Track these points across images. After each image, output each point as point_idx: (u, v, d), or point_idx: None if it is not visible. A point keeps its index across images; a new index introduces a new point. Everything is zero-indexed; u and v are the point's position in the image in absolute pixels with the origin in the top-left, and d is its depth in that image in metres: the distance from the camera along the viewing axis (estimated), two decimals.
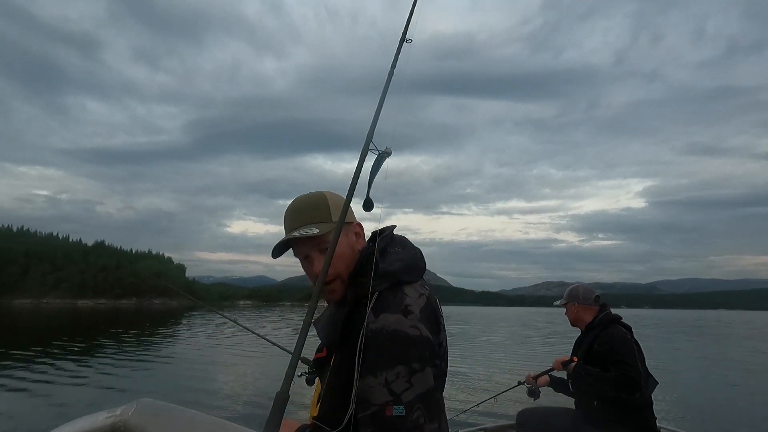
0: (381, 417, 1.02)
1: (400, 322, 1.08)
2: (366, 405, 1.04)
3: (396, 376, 1.03)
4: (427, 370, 1.07)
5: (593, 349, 2.82)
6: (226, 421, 1.76)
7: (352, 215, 1.29)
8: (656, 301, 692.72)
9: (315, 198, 1.27)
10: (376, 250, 1.19)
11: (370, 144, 2.15)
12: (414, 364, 1.05)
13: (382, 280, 1.15)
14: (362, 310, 1.12)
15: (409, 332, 1.07)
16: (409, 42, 2.36)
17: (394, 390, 1.03)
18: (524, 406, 3.24)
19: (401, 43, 2.36)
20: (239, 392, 8.87)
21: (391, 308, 1.10)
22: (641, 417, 2.69)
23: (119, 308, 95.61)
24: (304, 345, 2.08)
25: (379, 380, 1.03)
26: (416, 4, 2.38)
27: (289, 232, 1.23)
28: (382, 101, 2.27)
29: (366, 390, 1.04)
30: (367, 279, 1.14)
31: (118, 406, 1.94)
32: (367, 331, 1.07)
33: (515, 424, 3.11)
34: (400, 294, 1.13)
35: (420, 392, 1.04)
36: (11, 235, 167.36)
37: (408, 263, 1.20)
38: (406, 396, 1.03)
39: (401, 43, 2.36)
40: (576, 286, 3.14)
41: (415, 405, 1.03)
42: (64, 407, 7.58)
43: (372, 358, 1.05)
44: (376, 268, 1.15)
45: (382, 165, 2.05)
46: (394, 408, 1.02)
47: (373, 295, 1.12)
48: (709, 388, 10.52)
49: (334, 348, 1.22)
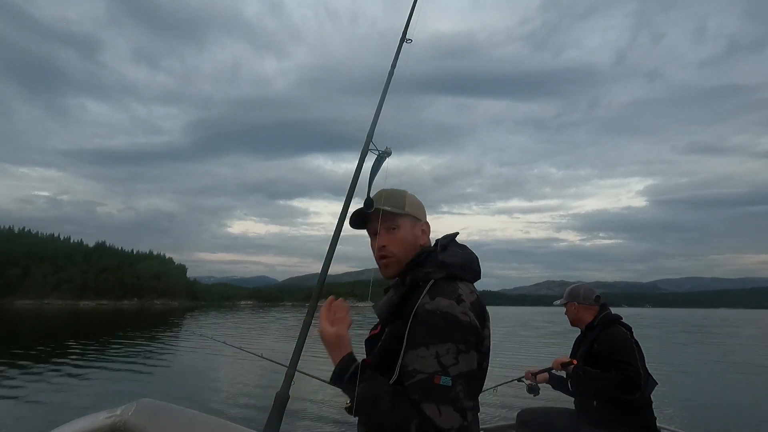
0: (430, 384, 1.13)
1: (453, 306, 1.21)
2: (415, 373, 1.15)
3: (446, 351, 1.15)
4: (471, 353, 1.19)
5: (593, 349, 2.81)
6: (226, 421, 1.76)
7: (425, 216, 1.49)
8: (657, 300, 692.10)
9: (396, 190, 1.49)
10: (440, 242, 1.41)
11: (370, 144, 2.15)
12: (461, 345, 1.17)
13: (439, 269, 1.30)
14: (418, 292, 1.26)
15: (459, 316, 1.20)
16: (409, 42, 2.36)
17: (443, 362, 1.14)
18: (524, 406, 3.23)
19: (401, 42, 2.36)
20: (239, 392, 8.87)
21: (446, 294, 1.23)
22: (641, 417, 2.68)
23: (120, 309, 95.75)
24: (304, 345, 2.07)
25: (431, 352, 1.15)
26: (416, 4, 2.38)
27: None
28: (382, 101, 2.27)
29: (417, 359, 1.16)
30: (426, 267, 1.31)
31: (118, 406, 1.95)
32: (422, 310, 1.21)
33: (515, 424, 3.11)
34: (454, 285, 1.27)
35: (463, 371, 1.16)
36: (12, 236, 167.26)
37: (464, 262, 1.35)
38: (453, 370, 1.14)
39: (401, 42, 2.36)
40: (576, 285, 3.13)
41: (459, 380, 1.14)
42: (64, 407, 7.58)
43: (425, 333, 1.18)
44: (435, 259, 1.33)
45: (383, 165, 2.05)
46: (442, 378, 1.13)
47: (429, 281, 1.27)
48: (709, 388, 10.50)
49: (387, 323, 1.34)
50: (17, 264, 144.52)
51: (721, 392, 9.99)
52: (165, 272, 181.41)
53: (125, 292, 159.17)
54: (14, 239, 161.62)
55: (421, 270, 1.31)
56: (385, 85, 2.30)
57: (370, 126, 2.26)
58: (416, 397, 1.13)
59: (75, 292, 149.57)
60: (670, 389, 9.63)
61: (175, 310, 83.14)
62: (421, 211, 1.47)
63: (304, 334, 1.99)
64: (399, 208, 1.41)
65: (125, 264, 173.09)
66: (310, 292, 1.81)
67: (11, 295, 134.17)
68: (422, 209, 1.47)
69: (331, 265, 2.11)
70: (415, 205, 1.45)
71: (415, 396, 1.13)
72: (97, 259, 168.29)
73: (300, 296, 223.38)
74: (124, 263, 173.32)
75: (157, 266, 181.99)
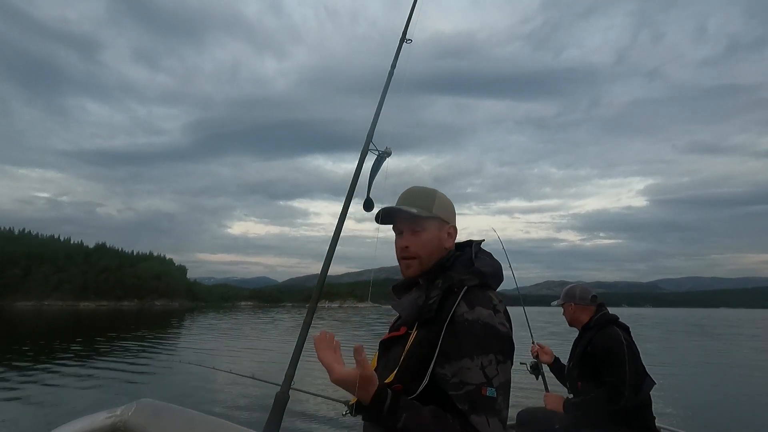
0: (477, 395, 1.13)
1: (492, 317, 1.21)
2: (462, 384, 1.15)
3: (489, 362, 1.16)
4: (508, 363, 1.21)
5: (587, 351, 2.81)
6: (226, 421, 1.76)
7: (453, 218, 1.44)
8: (657, 300, 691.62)
9: (427, 189, 1.45)
10: (473, 249, 1.39)
11: (370, 144, 2.15)
12: (499, 356, 1.18)
13: (473, 276, 1.29)
14: (452, 299, 1.24)
15: (498, 327, 1.21)
16: (409, 42, 2.37)
17: (488, 374, 1.15)
18: (524, 406, 3.24)
19: (401, 42, 2.36)
20: (239, 392, 8.86)
21: (484, 304, 1.23)
22: (640, 417, 2.68)
23: (120, 310, 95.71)
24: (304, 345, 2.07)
25: (476, 363, 1.15)
26: (416, 4, 2.38)
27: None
28: (381, 101, 2.27)
29: (462, 371, 1.15)
30: (458, 273, 1.30)
31: (118, 406, 1.95)
32: (462, 320, 1.20)
33: (515, 425, 3.10)
34: (488, 294, 1.28)
35: (503, 381, 1.17)
36: (12, 237, 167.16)
37: (494, 271, 1.35)
38: (496, 381, 1.15)
39: (401, 42, 2.36)
40: (573, 285, 3.12)
41: (500, 391, 1.16)
42: (64, 407, 7.58)
43: (469, 344, 1.17)
44: (471, 266, 1.32)
45: (382, 165, 2.06)
46: (488, 389, 1.14)
47: (463, 288, 1.26)
48: (709, 388, 10.48)
49: (415, 326, 1.30)
50: (17, 265, 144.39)
51: (721, 392, 9.96)
52: (165, 273, 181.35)
53: (125, 293, 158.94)
54: (14, 240, 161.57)
55: (454, 275, 1.30)
56: (384, 85, 2.30)
57: (370, 126, 2.27)
58: (465, 409, 1.12)
59: (75, 293, 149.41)
60: (670, 389, 9.62)
61: (175, 311, 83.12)
62: (450, 213, 1.43)
63: (304, 334, 1.99)
64: (426, 209, 1.38)
65: (125, 265, 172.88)
66: (311, 292, 1.81)
67: (11, 296, 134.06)
68: (451, 211, 1.44)
69: (331, 265, 2.12)
70: (445, 206, 1.42)
71: (464, 407, 1.13)
72: (97, 259, 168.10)
73: (300, 297, 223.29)
74: (124, 264, 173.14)
75: (157, 267, 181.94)
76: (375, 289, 1.55)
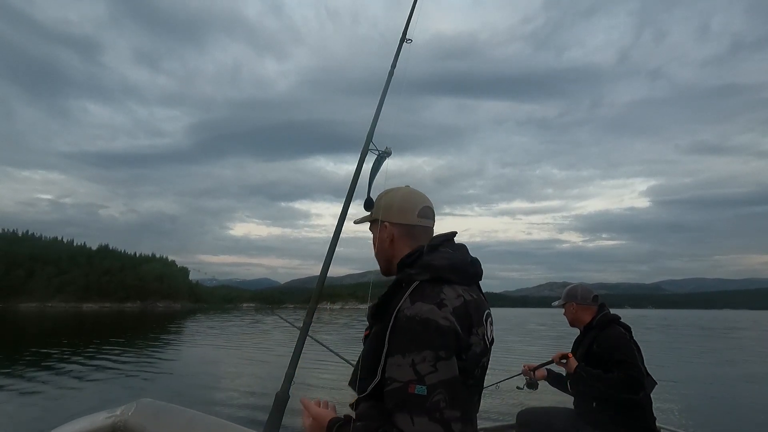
0: (404, 393, 1.10)
1: (433, 311, 1.15)
2: (390, 381, 1.13)
3: (423, 359, 1.11)
4: (452, 360, 1.14)
5: (593, 350, 2.80)
6: (226, 422, 1.77)
7: (395, 214, 1.39)
8: (660, 301, 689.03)
9: (385, 191, 1.47)
10: (430, 243, 1.33)
11: (370, 144, 2.15)
12: (440, 352, 1.12)
13: (423, 271, 1.25)
14: (400, 294, 1.23)
15: (440, 321, 1.14)
16: (409, 42, 2.37)
17: (419, 371, 1.10)
18: (524, 406, 3.23)
19: (401, 43, 2.36)
20: (239, 392, 8.87)
21: (427, 299, 1.18)
22: (640, 417, 2.67)
23: (123, 311, 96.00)
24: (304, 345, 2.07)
25: (407, 360, 1.12)
26: (417, 4, 2.38)
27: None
28: (382, 101, 2.27)
29: (393, 368, 1.13)
30: (412, 269, 1.27)
31: (118, 406, 1.95)
32: (401, 315, 1.17)
33: (515, 425, 3.10)
34: (438, 289, 1.21)
35: (443, 378, 1.11)
36: (16, 239, 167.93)
37: (454, 263, 1.28)
38: (430, 379, 1.10)
39: (401, 43, 2.36)
40: (574, 285, 3.11)
41: (438, 389, 1.10)
42: (64, 407, 7.62)
43: (402, 340, 1.14)
44: (421, 261, 1.28)
45: (382, 165, 2.06)
46: (417, 387, 1.10)
47: (412, 283, 1.23)
48: (709, 389, 10.47)
49: (372, 324, 1.32)
50: (21, 267, 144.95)
51: (721, 393, 9.95)
52: (167, 275, 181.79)
53: (128, 294, 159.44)
54: (18, 242, 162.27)
55: (407, 271, 1.27)
56: (385, 86, 2.31)
57: (370, 126, 2.27)
58: (389, 406, 1.12)
59: (78, 295, 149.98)
60: (670, 389, 9.62)
61: (177, 312, 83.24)
62: (390, 210, 1.39)
63: (304, 335, 1.99)
64: (374, 213, 1.43)
65: (128, 266, 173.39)
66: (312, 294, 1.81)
67: (15, 298, 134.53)
68: (395, 208, 1.38)
69: (332, 267, 2.12)
70: (387, 206, 1.39)
71: (389, 405, 1.12)
72: (99, 261, 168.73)
73: (302, 298, 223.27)
74: (126, 266, 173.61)
75: (159, 269, 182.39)
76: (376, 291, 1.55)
